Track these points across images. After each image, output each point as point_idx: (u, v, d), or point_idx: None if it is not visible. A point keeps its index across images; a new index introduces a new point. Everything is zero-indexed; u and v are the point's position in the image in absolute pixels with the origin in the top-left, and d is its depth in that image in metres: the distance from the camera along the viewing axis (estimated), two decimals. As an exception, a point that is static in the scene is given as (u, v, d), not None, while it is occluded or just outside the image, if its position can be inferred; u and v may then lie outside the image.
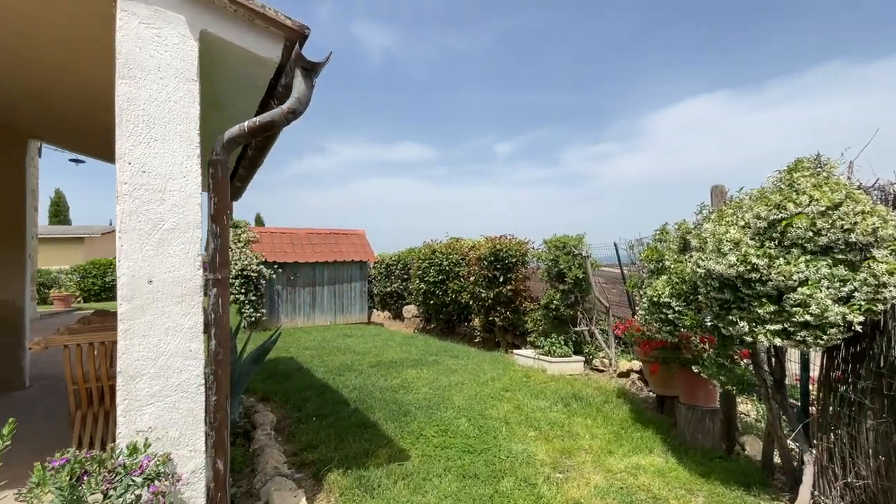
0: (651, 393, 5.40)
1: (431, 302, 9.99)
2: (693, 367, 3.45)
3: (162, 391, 1.96)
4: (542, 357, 6.69)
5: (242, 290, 10.16)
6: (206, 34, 2.13)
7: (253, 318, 10.33)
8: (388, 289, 13.38)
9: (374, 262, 14.29)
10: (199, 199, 2.06)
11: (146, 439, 1.82)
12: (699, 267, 3.01)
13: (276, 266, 10.80)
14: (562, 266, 6.75)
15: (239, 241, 10.61)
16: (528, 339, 7.59)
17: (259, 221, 35.13)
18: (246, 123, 2.26)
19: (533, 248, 8.18)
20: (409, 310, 12.42)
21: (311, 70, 2.30)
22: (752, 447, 3.81)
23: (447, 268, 9.51)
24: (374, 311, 14.54)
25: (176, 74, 2.05)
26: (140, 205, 1.96)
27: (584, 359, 6.67)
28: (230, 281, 10.16)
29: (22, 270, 4.77)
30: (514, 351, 7.48)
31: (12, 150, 4.73)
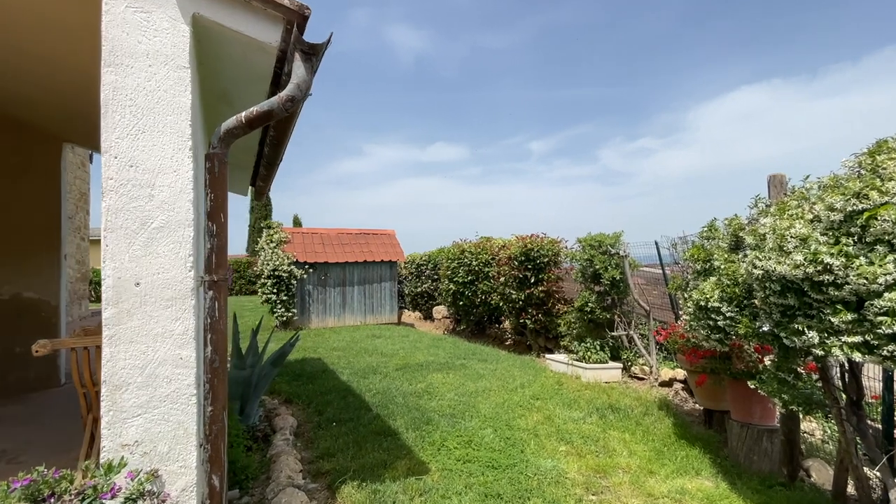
0: (697, 405, 4.93)
1: (461, 303, 9.75)
2: (749, 383, 3.03)
3: (150, 402, 1.82)
4: (575, 363, 6.30)
5: (274, 290, 10.28)
6: (200, 18, 1.98)
7: (284, 318, 10.43)
8: (419, 289, 13.25)
9: (405, 262, 14.21)
10: (190, 196, 1.91)
11: (122, 458, 1.67)
12: (756, 267, 2.61)
13: (307, 266, 10.87)
14: (597, 266, 6.34)
15: (271, 242, 10.76)
16: (562, 343, 7.21)
17: (297, 223, 35.96)
18: (243, 114, 2.10)
19: (566, 247, 7.78)
20: (440, 310, 12.23)
21: (311, 54, 2.11)
22: (820, 474, 3.34)
23: (476, 268, 9.23)
24: (405, 311, 14.46)
25: (166, 62, 1.91)
26: (127, 201, 1.82)
27: (621, 366, 6.23)
28: (263, 281, 10.31)
29: (57, 271, 4.90)
30: (547, 355, 7.12)
31: (47, 154, 4.87)
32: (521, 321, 8.07)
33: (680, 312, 4.16)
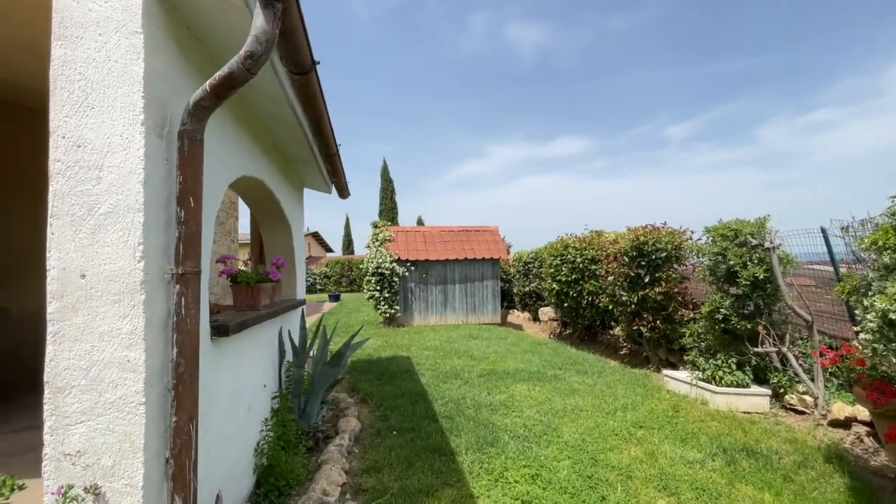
0: (891, 462, 3.39)
1: (565, 304, 8.75)
2: None
3: (94, 409, 1.63)
4: (701, 383, 5.00)
5: (377, 287, 10.58)
6: (156, -24, 1.75)
7: (388, 315, 10.66)
8: (527, 288, 12.46)
9: (513, 261, 13.54)
10: (141, 177, 1.69)
11: (11, 478, 1.48)
12: None
13: (408, 264, 10.97)
14: (731, 262, 4.93)
15: (376, 241, 11.12)
16: (686, 357, 5.85)
17: (420, 223, 37.83)
18: (207, 82, 1.81)
19: (691, 240, 6.33)
20: (546, 312, 11.30)
21: (270, -3, 1.73)
22: None
23: (581, 265, 8.16)
24: (514, 311, 13.78)
25: (117, 28, 1.71)
26: (74, 185, 1.66)
27: (770, 392, 4.74)
28: (368, 278, 10.68)
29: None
30: (666, 371, 5.85)
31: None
32: (635, 328, 6.83)
33: (856, 329, 2.81)
